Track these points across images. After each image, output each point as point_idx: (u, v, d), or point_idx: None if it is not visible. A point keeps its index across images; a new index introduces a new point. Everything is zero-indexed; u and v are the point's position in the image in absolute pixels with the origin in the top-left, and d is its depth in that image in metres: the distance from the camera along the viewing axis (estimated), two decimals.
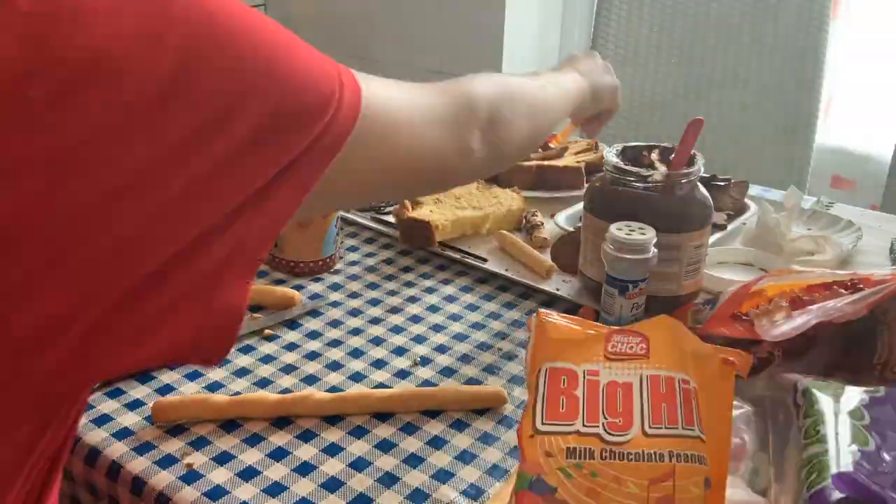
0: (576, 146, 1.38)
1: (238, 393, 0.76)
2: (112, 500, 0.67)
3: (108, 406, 0.73)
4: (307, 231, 0.96)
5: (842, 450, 0.55)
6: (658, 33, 2.36)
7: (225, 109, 0.38)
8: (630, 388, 0.59)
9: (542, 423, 0.58)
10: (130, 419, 0.72)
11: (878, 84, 1.91)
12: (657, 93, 2.41)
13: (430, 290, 0.96)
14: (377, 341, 0.86)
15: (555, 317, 0.64)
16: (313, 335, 0.87)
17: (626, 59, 2.44)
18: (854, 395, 0.60)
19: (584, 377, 0.59)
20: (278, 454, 0.69)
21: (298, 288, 0.95)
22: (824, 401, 0.60)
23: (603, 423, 0.57)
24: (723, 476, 0.54)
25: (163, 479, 0.65)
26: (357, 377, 0.80)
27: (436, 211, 1.07)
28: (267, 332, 0.86)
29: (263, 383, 0.78)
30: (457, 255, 1.03)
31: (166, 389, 0.76)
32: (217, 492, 0.64)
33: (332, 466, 0.68)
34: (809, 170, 2.21)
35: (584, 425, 0.57)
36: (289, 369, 0.81)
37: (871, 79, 1.78)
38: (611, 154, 0.90)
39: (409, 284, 0.98)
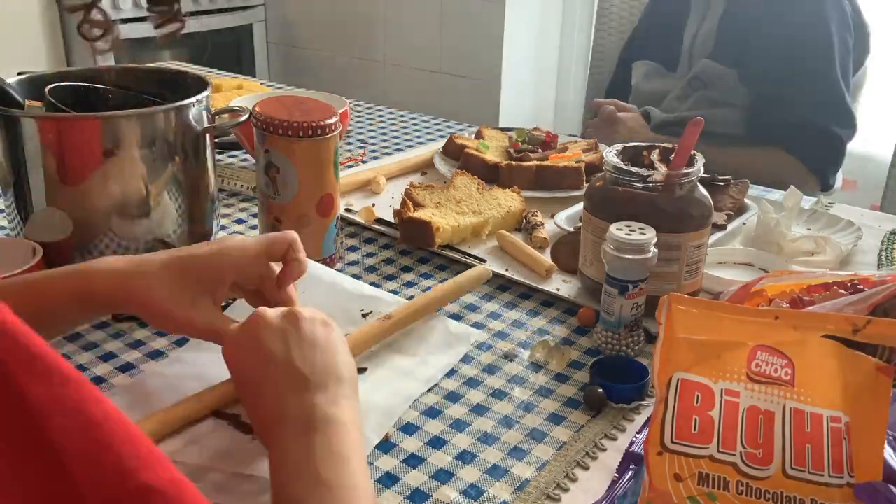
0: (576, 146, 1.38)
1: None
2: None
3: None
4: (307, 231, 0.96)
5: None
6: None
7: None
8: (772, 417, 0.54)
9: (672, 442, 0.54)
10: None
11: (877, 84, 1.91)
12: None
13: (430, 290, 0.96)
14: None
15: (689, 303, 0.58)
16: None
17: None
18: None
19: (721, 397, 0.55)
20: None
21: None
22: None
23: (741, 453, 0.53)
24: None
25: None
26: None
27: (437, 215, 1.07)
28: None
29: None
30: (457, 256, 1.03)
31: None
32: None
33: None
34: None
35: (718, 451, 0.53)
36: None
37: (872, 79, 1.79)
38: (611, 154, 0.90)
39: (409, 284, 0.98)
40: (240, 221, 1.15)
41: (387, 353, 0.82)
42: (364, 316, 0.86)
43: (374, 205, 1.16)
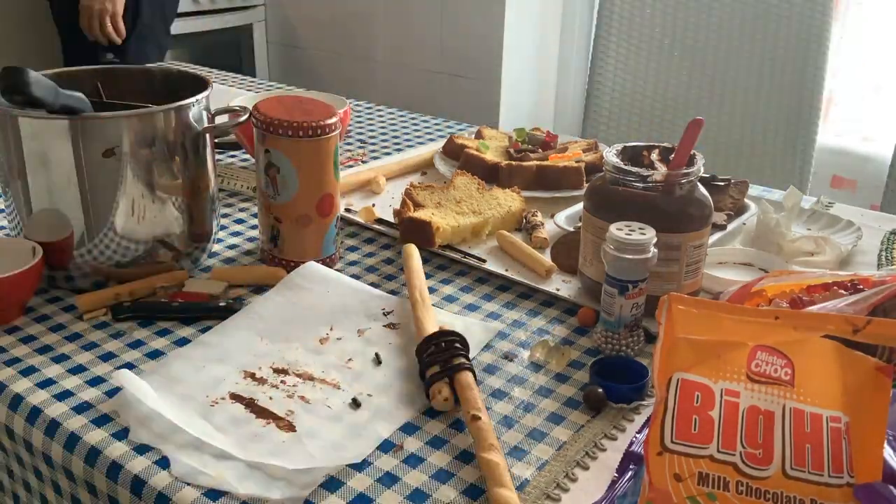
0: (576, 146, 1.38)
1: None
2: (112, 500, 0.67)
3: (106, 406, 0.73)
4: (307, 231, 0.96)
5: None
6: (660, 34, 2.36)
7: None
8: (772, 417, 0.53)
9: (672, 442, 0.54)
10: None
11: (877, 84, 1.91)
12: (658, 93, 2.40)
13: (430, 290, 0.96)
14: None
15: (689, 303, 0.58)
16: None
17: (627, 60, 2.44)
18: None
19: (721, 397, 0.54)
20: None
21: None
22: None
23: (741, 453, 0.53)
24: None
25: (163, 478, 0.65)
26: None
27: (437, 215, 1.07)
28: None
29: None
30: (456, 256, 1.03)
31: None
32: (217, 491, 0.64)
33: None
34: (811, 170, 2.21)
35: (718, 451, 0.53)
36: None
37: (871, 79, 1.78)
38: (611, 154, 0.90)
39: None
40: (240, 221, 1.15)
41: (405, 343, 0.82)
42: (385, 314, 0.88)
43: (374, 205, 1.16)
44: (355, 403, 0.74)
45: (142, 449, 0.68)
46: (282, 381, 0.77)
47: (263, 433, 0.70)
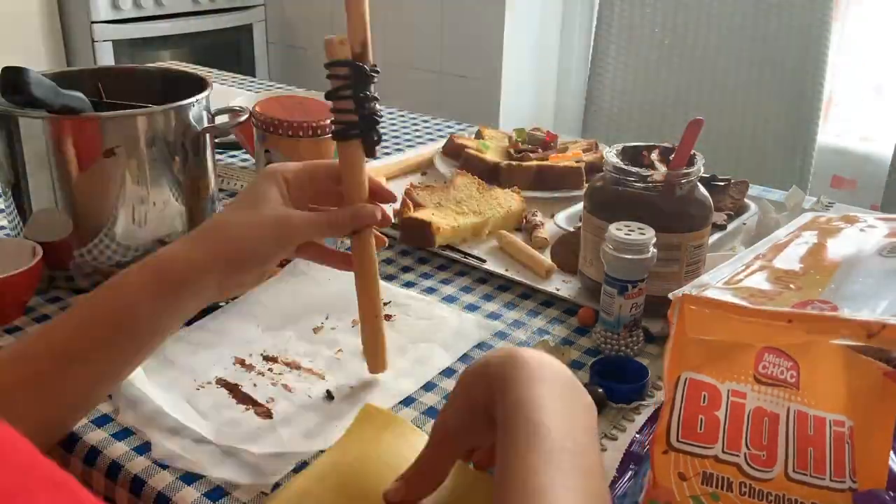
0: (576, 146, 1.38)
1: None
2: (110, 500, 0.67)
3: (106, 406, 0.73)
4: None
5: None
6: (660, 34, 2.36)
7: None
8: (777, 420, 0.53)
9: (678, 441, 0.54)
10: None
11: (877, 84, 1.91)
12: (658, 93, 2.40)
13: (430, 291, 0.96)
14: None
15: (700, 304, 0.57)
16: None
17: (627, 60, 2.44)
18: None
19: (727, 397, 0.54)
20: None
21: None
22: None
23: (745, 454, 0.53)
24: None
25: (163, 478, 0.65)
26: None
27: (437, 215, 1.07)
28: None
29: None
30: (457, 256, 1.03)
31: None
32: (218, 492, 0.64)
33: None
34: (811, 170, 2.20)
35: (723, 451, 0.53)
36: None
37: (871, 79, 1.78)
38: (611, 154, 0.90)
39: (409, 284, 0.98)
40: None
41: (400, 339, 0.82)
42: (384, 304, 0.87)
43: None
44: (329, 396, 0.74)
45: (141, 449, 0.68)
46: (269, 369, 0.78)
47: (241, 419, 0.71)
